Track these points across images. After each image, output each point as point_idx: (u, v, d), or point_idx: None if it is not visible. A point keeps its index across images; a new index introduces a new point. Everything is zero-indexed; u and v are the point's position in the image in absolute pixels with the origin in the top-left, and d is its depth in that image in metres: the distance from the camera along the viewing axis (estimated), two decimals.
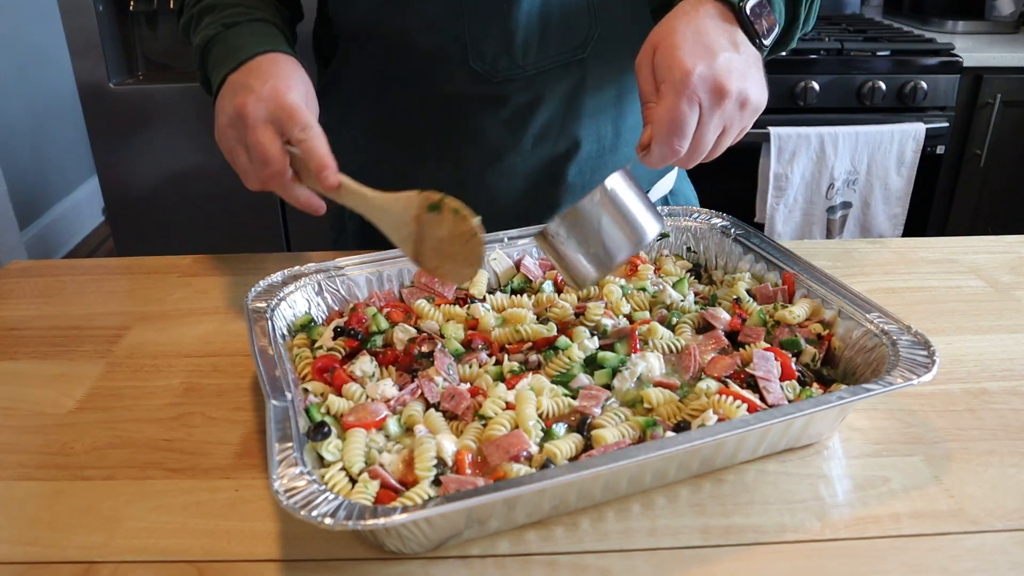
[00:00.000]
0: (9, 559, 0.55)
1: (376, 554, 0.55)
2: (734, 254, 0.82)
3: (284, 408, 0.57)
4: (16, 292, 0.92)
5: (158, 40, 2.26)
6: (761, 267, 0.79)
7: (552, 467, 0.55)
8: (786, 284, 0.75)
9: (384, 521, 0.47)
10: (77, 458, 0.64)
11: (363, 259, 0.79)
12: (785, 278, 0.75)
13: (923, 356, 0.60)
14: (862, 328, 0.66)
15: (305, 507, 0.48)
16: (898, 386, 0.57)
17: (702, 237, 0.85)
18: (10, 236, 2.79)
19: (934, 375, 0.58)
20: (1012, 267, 0.94)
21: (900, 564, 0.54)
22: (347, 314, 0.74)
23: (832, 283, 0.71)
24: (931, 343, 0.61)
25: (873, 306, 0.67)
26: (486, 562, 0.54)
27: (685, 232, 0.85)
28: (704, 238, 0.85)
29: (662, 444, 0.53)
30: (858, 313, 0.67)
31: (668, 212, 0.87)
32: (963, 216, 2.44)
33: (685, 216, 0.86)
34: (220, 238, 2.38)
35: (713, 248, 0.84)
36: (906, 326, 0.64)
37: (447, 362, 0.66)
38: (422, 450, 0.56)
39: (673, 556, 0.54)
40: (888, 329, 0.64)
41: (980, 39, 2.43)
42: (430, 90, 0.89)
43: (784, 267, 0.76)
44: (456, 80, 0.87)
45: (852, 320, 0.67)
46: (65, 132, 3.30)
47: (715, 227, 0.84)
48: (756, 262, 0.79)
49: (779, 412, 0.57)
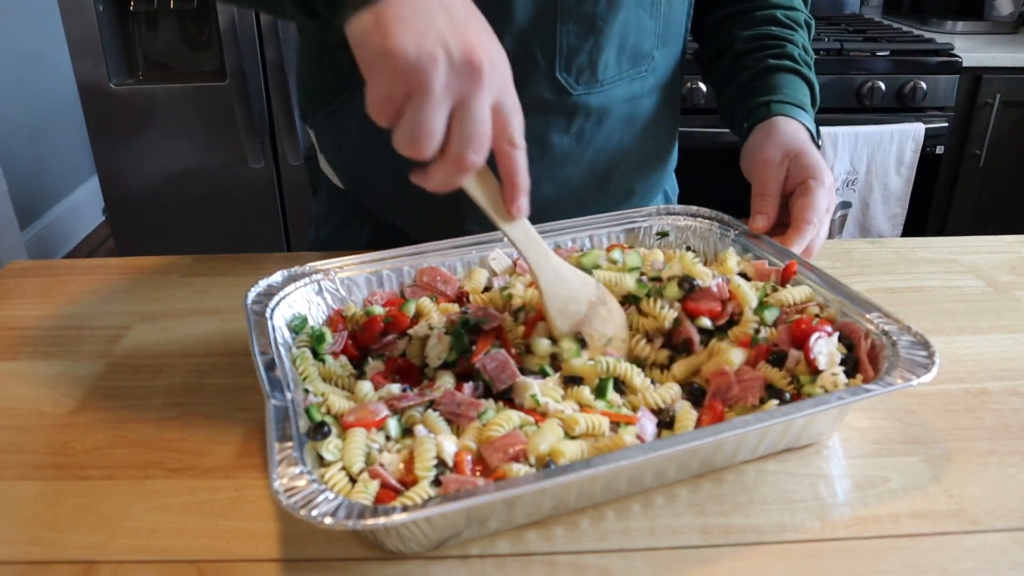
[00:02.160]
0: (9, 559, 0.55)
1: (376, 554, 0.55)
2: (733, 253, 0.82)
3: (284, 408, 0.57)
4: (16, 292, 0.92)
5: (158, 40, 2.26)
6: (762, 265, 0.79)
7: (552, 467, 0.55)
8: (786, 271, 0.75)
9: (384, 521, 0.47)
10: (77, 458, 0.64)
11: (362, 259, 0.79)
12: (788, 266, 0.75)
13: (923, 356, 0.60)
14: (862, 328, 0.66)
15: (305, 507, 0.48)
16: (898, 386, 0.57)
17: (703, 236, 0.85)
18: (10, 236, 2.79)
19: (934, 375, 0.58)
20: (1012, 267, 0.94)
21: (900, 564, 0.54)
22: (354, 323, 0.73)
23: (832, 282, 0.71)
24: (931, 343, 0.61)
25: (873, 306, 0.67)
26: (486, 562, 0.54)
27: (685, 231, 0.86)
28: (704, 238, 0.85)
29: (662, 444, 0.53)
30: (858, 313, 0.67)
31: (668, 211, 0.87)
32: (962, 216, 2.44)
33: (685, 216, 0.86)
34: (220, 238, 2.39)
35: (713, 247, 0.84)
36: (906, 326, 0.64)
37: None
38: (422, 450, 0.56)
39: (673, 556, 0.54)
40: (888, 329, 0.64)
41: (979, 39, 2.43)
42: None
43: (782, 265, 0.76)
44: (536, 88, 0.87)
45: (852, 320, 0.68)
46: (65, 132, 3.30)
47: (714, 227, 0.84)
48: (756, 260, 0.79)
49: (779, 412, 0.57)
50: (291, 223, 2.41)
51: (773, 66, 0.92)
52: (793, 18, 0.96)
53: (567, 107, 0.88)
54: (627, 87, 0.90)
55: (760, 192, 0.83)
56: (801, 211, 0.79)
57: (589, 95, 0.88)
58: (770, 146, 0.84)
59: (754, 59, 0.93)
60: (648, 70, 0.91)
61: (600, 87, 0.88)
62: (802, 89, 0.91)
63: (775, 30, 0.94)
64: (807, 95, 0.91)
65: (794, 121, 0.87)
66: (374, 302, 0.76)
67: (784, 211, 0.83)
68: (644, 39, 0.89)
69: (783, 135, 0.85)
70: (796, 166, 0.82)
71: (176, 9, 2.20)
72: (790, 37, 0.94)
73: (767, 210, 0.82)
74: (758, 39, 0.94)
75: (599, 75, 0.87)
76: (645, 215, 0.86)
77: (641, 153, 0.97)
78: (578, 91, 0.87)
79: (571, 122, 0.89)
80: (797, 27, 0.96)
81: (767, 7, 0.96)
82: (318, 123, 0.98)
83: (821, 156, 0.84)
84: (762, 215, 0.81)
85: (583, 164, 0.93)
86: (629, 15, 0.86)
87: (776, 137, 0.85)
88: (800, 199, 0.80)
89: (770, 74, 0.92)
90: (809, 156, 0.83)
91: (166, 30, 2.25)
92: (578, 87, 0.87)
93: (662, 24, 0.89)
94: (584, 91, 0.87)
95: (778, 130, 0.86)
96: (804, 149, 0.83)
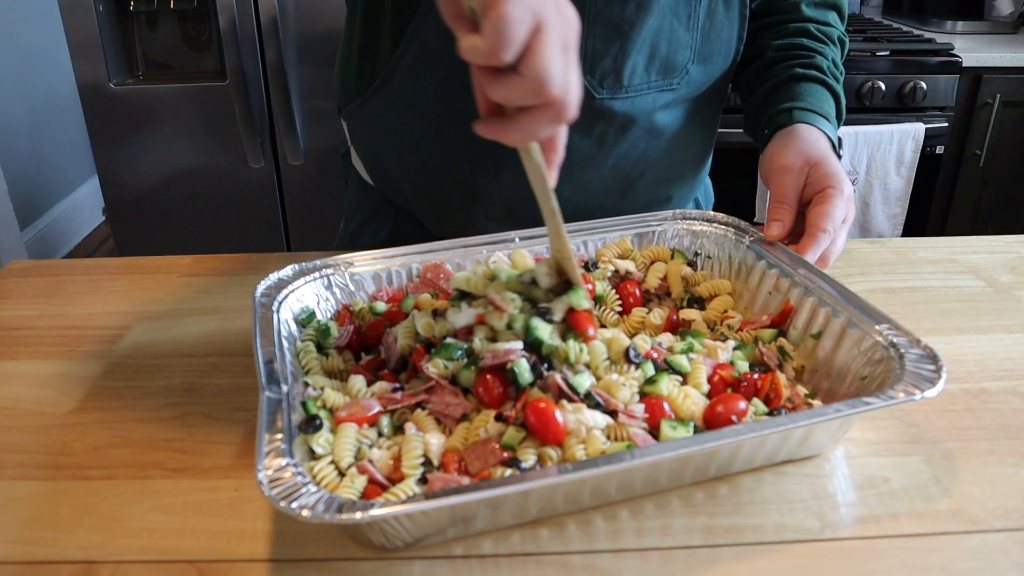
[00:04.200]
0: (9, 559, 0.55)
1: (376, 554, 0.55)
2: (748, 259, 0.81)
3: (277, 400, 0.57)
4: (16, 292, 0.92)
5: (158, 40, 2.26)
6: (775, 273, 0.77)
7: (537, 469, 0.55)
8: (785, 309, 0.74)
9: (361, 516, 0.47)
10: (77, 458, 0.64)
11: (373, 255, 0.79)
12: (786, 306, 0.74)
13: (930, 371, 0.59)
14: (871, 339, 0.65)
15: (286, 499, 0.48)
16: (898, 400, 0.57)
17: (718, 242, 0.84)
18: (10, 236, 2.79)
19: (939, 390, 0.57)
20: (1012, 267, 0.94)
21: (900, 564, 0.54)
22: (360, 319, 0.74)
23: (844, 292, 0.70)
24: (940, 358, 0.60)
25: (883, 317, 0.66)
26: (499, 561, 0.54)
27: (700, 237, 0.85)
28: (719, 244, 0.83)
29: (650, 451, 0.53)
30: (867, 324, 0.66)
31: (683, 216, 0.86)
32: (962, 216, 2.44)
33: (701, 221, 0.85)
34: (220, 238, 2.39)
35: (728, 254, 0.83)
36: (916, 339, 0.63)
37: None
38: (409, 447, 0.57)
39: (665, 556, 0.54)
40: (897, 341, 0.63)
41: (979, 39, 2.43)
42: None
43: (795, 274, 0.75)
44: None
45: (860, 330, 0.66)
46: (65, 132, 3.30)
47: (729, 232, 0.83)
48: (769, 268, 0.78)
49: (772, 423, 0.56)
50: (291, 223, 2.41)
51: (800, 75, 0.91)
52: (827, 33, 0.95)
53: (589, 110, 0.87)
54: (656, 97, 0.90)
55: (777, 199, 0.82)
56: (817, 219, 0.78)
57: (613, 100, 0.88)
58: (790, 153, 0.83)
59: (782, 67, 0.93)
60: (681, 83, 0.91)
61: (625, 93, 0.88)
62: (827, 99, 0.90)
63: (807, 42, 0.93)
64: (832, 106, 0.90)
65: (816, 129, 0.86)
66: (379, 298, 0.77)
67: (801, 220, 0.82)
68: (678, 51, 0.88)
69: (804, 143, 0.84)
70: (815, 174, 0.82)
71: (176, 9, 2.20)
72: (820, 50, 0.93)
73: (783, 217, 0.81)
74: (789, 49, 0.94)
75: (624, 81, 0.87)
76: (660, 220, 0.86)
77: (668, 165, 0.96)
78: (602, 95, 0.87)
79: (593, 126, 0.89)
80: (829, 42, 0.95)
81: (802, 20, 0.95)
82: (350, 115, 0.99)
83: (841, 167, 0.83)
84: (778, 222, 0.81)
85: (604, 170, 0.93)
86: (663, 24, 0.86)
87: (797, 144, 0.84)
88: (817, 207, 0.79)
89: (796, 83, 0.91)
90: (829, 165, 0.82)
91: (166, 30, 2.25)
92: (602, 91, 0.87)
93: (699, 39, 0.89)
94: (608, 95, 0.87)
95: (799, 137, 0.85)
96: (824, 158, 0.82)
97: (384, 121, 0.94)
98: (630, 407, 0.60)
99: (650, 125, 0.91)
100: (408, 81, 0.89)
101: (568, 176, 0.91)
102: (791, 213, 0.81)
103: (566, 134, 0.59)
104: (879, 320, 0.66)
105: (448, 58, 0.86)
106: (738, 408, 0.61)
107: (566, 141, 0.59)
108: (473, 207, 0.94)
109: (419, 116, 0.91)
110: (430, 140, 0.92)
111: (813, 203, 0.80)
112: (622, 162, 0.93)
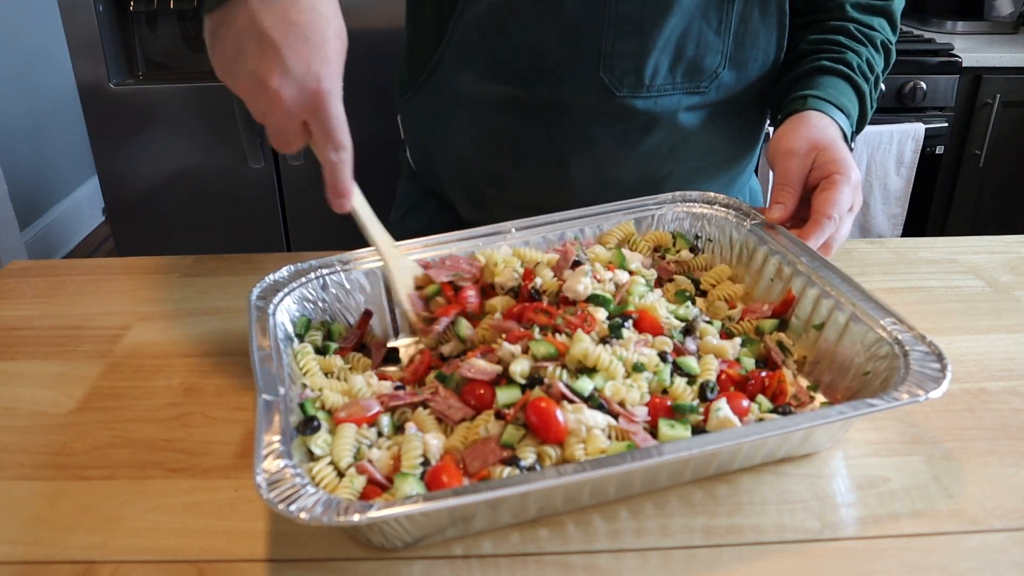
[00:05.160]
0: (9, 559, 0.55)
1: (376, 554, 0.55)
2: (750, 243, 0.80)
3: (274, 402, 0.57)
4: (16, 292, 0.92)
5: (158, 40, 2.26)
6: (777, 259, 0.77)
7: (537, 468, 0.55)
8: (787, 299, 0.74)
9: (359, 518, 0.47)
10: (77, 458, 0.64)
11: (369, 253, 0.78)
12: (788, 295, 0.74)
13: (935, 370, 0.59)
14: (875, 334, 0.64)
15: (284, 501, 0.48)
16: (902, 403, 0.56)
17: (718, 225, 0.83)
18: (10, 236, 2.79)
19: (944, 391, 0.57)
20: (1012, 267, 0.94)
21: (900, 564, 0.54)
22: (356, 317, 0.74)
23: (850, 283, 0.69)
24: (944, 356, 0.60)
25: (888, 311, 0.65)
26: (498, 561, 0.54)
27: (700, 219, 0.84)
28: (720, 226, 0.83)
29: (650, 454, 0.52)
30: (871, 319, 0.65)
31: (683, 199, 0.85)
32: (962, 216, 2.44)
33: (701, 203, 0.84)
34: (220, 238, 2.38)
35: (728, 236, 0.82)
36: (920, 335, 0.62)
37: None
38: (408, 447, 0.57)
39: (664, 556, 0.54)
40: (902, 338, 0.62)
41: (979, 39, 2.43)
42: (549, 93, 0.89)
43: (798, 262, 0.74)
44: (580, 87, 0.87)
45: (864, 324, 0.65)
46: (65, 132, 3.30)
47: (729, 215, 0.83)
48: (772, 254, 0.77)
49: (773, 426, 0.56)
50: (291, 223, 2.41)
51: (825, 67, 0.90)
52: (868, 36, 0.93)
53: (612, 107, 0.88)
54: (681, 99, 0.90)
55: (781, 182, 0.81)
56: (822, 205, 0.77)
57: (635, 99, 0.88)
58: (797, 137, 0.82)
59: (809, 60, 0.92)
60: (710, 87, 0.90)
61: (647, 92, 0.88)
62: (847, 93, 0.88)
63: (842, 39, 0.92)
64: (852, 101, 0.89)
65: (827, 117, 0.84)
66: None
67: (806, 205, 0.80)
68: (706, 54, 0.88)
69: (813, 128, 0.83)
70: (822, 159, 0.80)
71: (176, 9, 2.20)
72: (855, 48, 0.92)
73: (785, 200, 0.80)
74: (822, 43, 0.92)
75: (646, 80, 0.87)
76: (658, 203, 0.85)
77: (697, 167, 0.96)
78: (622, 93, 0.87)
79: (615, 123, 0.89)
80: (868, 44, 0.93)
81: (844, 20, 0.94)
82: (403, 108, 1.03)
83: (850, 154, 0.82)
84: (779, 205, 0.80)
85: (630, 167, 0.93)
86: (691, 27, 0.86)
87: (805, 129, 0.83)
88: (823, 193, 0.78)
89: (819, 74, 0.90)
90: (837, 151, 0.80)
91: (166, 30, 2.24)
92: (623, 89, 0.87)
93: (731, 44, 0.88)
94: (629, 94, 0.87)
95: (809, 123, 0.83)
96: (833, 144, 0.81)
97: (429, 113, 0.98)
98: (633, 408, 0.60)
99: (675, 126, 0.91)
100: (450, 74, 0.92)
101: (594, 174, 0.93)
102: (794, 197, 0.80)
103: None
104: (884, 314, 0.65)
105: (483, 52, 0.88)
106: (740, 407, 0.61)
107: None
108: (501, 196, 0.96)
109: (459, 108, 0.94)
110: (465, 130, 0.95)
111: (819, 189, 0.79)
112: (649, 161, 0.93)
